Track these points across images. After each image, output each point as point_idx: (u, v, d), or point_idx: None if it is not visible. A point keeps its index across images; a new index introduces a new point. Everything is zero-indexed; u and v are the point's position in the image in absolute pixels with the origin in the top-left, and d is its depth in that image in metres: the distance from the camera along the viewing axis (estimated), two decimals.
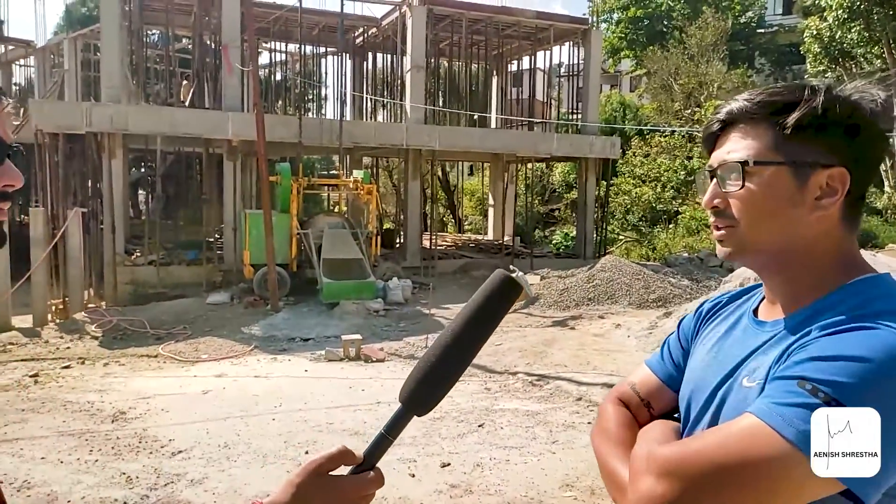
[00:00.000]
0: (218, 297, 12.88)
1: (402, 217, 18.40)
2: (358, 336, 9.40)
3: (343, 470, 0.86)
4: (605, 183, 18.45)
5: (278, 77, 24.24)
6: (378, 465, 0.87)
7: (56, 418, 6.28)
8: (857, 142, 0.92)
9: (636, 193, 20.53)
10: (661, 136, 20.78)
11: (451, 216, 26.37)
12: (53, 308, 11.51)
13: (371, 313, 11.64)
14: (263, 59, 22.20)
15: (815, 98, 0.92)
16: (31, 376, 8.01)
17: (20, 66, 24.50)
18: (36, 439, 5.68)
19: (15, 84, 25.52)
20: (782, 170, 0.93)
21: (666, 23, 26.87)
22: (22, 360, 9.03)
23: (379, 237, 14.57)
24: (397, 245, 17.79)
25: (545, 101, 23.58)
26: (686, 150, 18.99)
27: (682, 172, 18.49)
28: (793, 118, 0.93)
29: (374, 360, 8.80)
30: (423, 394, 0.88)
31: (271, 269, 12.02)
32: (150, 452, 5.22)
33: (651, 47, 24.60)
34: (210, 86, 15.85)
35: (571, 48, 19.88)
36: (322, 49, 21.87)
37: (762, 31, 28.02)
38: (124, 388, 7.48)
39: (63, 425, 6.07)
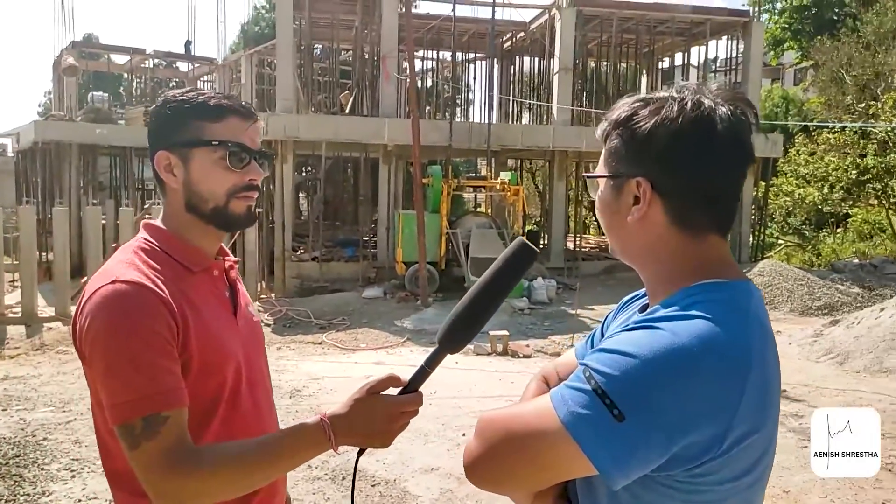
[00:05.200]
0: (372, 291, 13.75)
1: (545, 219, 18.51)
2: (505, 332, 9.70)
3: (393, 391, 1.17)
4: (763, 183, 17.40)
5: (428, 83, 25.26)
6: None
7: None
8: (652, 151, 0.95)
9: (799, 195, 19.13)
10: (829, 133, 19.23)
11: (593, 218, 26.03)
12: None
13: (516, 311, 11.91)
14: (414, 66, 23.23)
15: (619, 113, 1.00)
16: None
17: (204, 81, 27.44)
18: None
19: None
20: (606, 181, 1.02)
21: (837, 10, 24.77)
22: None
23: (524, 237, 14.82)
24: (541, 246, 17.93)
25: None
26: (859, 147, 17.40)
27: (854, 172, 16.97)
28: (607, 136, 1.02)
29: (521, 355, 9.06)
30: (454, 335, 1.12)
31: (422, 266, 12.66)
32: None
33: (819, 37, 22.79)
34: (368, 94, 16.91)
35: (729, 42, 18.97)
36: (471, 55, 22.50)
37: None
38: (297, 369, 8.32)
39: None
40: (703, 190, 0.97)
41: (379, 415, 1.14)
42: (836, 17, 24.54)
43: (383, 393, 1.16)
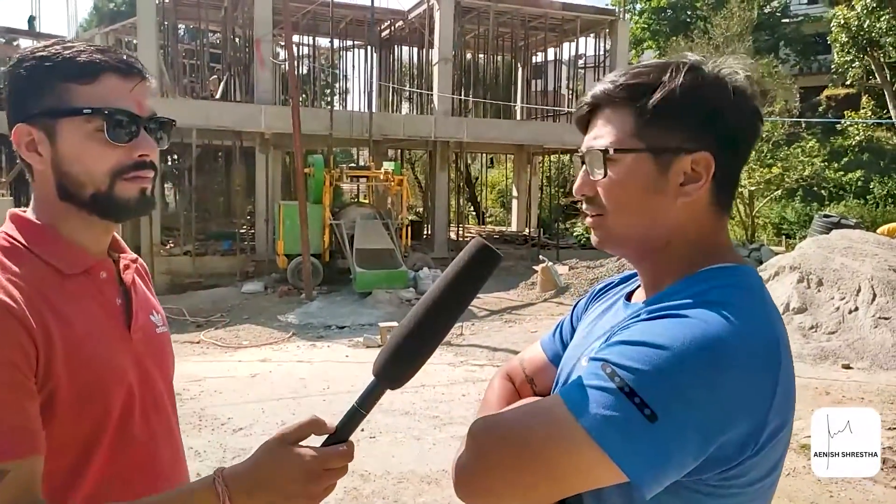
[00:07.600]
0: (252, 286, 13.16)
1: (426, 209, 18.56)
2: (395, 323, 9.59)
3: (316, 441, 0.88)
4: None
5: (304, 70, 24.50)
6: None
7: None
8: (720, 125, 0.87)
9: None
10: None
11: (471, 208, 26.51)
12: None
13: (403, 302, 11.84)
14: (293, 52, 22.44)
15: (674, 80, 0.87)
16: None
17: None
18: None
19: None
20: (643, 156, 0.88)
21: (690, 13, 26.76)
22: None
23: (409, 228, 14.79)
24: (425, 236, 17.99)
25: (569, 93, 23.64)
26: None
27: None
28: (651, 102, 0.87)
29: None
30: (397, 367, 0.88)
31: (306, 259, 12.27)
32: (213, 430, 5.45)
33: (675, 38, 24.51)
34: (241, 79, 16.11)
35: (597, 40, 19.92)
36: (349, 42, 22.07)
37: (787, 20, 27.79)
38: (175, 371, 7.75)
39: None
40: (741, 167, 0.92)
41: (295, 473, 0.86)
42: (689, 20, 26.49)
43: (302, 443, 0.88)
